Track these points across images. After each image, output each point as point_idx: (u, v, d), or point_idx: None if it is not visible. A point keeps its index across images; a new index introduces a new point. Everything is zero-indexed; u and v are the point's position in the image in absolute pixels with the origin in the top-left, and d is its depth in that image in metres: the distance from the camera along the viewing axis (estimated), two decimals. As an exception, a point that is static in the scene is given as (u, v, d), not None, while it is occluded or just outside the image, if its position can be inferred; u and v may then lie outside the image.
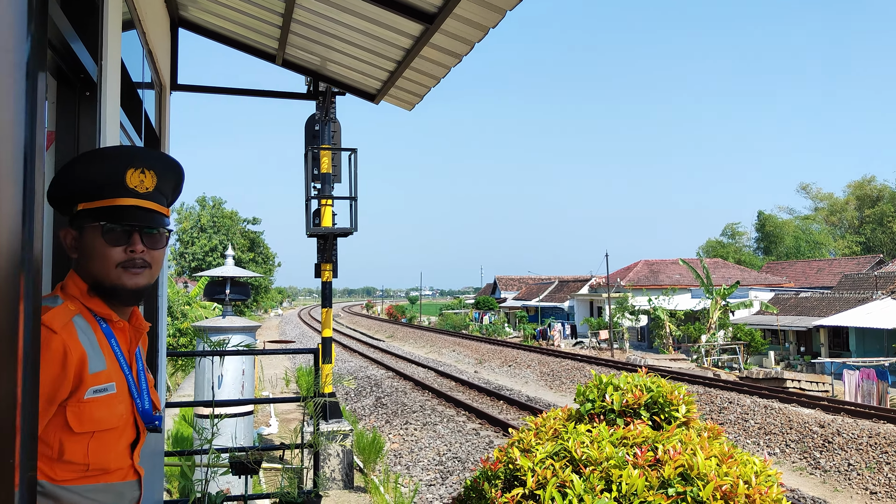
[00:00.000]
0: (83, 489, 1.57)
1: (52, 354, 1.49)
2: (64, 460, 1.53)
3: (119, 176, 1.68)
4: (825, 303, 36.20)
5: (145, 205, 1.70)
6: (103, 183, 1.67)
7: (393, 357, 31.64)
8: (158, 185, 1.75)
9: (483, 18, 3.67)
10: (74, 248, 1.68)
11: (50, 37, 2.09)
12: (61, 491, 1.53)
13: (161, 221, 1.74)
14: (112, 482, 1.63)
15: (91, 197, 1.66)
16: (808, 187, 75.05)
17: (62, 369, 1.50)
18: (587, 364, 26.56)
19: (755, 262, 65.18)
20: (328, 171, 10.39)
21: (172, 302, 23.63)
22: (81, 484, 1.57)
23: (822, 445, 13.49)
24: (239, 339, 7.78)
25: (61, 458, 1.53)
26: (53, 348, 1.49)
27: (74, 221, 1.68)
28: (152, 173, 1.74)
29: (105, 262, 1.64)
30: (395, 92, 5.12)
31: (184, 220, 46.45)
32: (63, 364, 1.51)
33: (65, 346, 1.51)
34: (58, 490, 1.53)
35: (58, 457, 1.53)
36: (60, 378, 1.50)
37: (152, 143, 4.36)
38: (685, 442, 2.64)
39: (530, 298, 60.45)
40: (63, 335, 1.52)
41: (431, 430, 14.37)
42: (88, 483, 1.58)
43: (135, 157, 1.74)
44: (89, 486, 1.58)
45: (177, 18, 5.03)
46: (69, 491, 1.54)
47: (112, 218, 1.65)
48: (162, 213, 1.75)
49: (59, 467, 1.53)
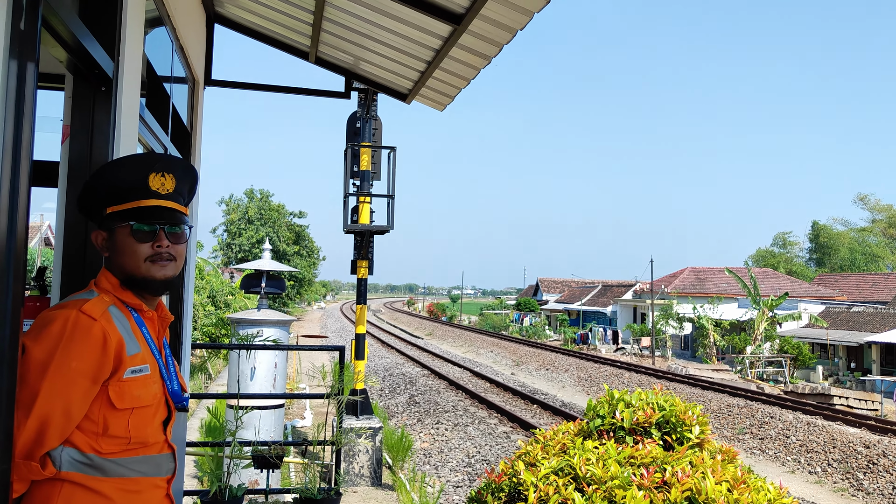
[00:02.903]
0: (127, 461, 1.75)
1: (93, 339, 1.68)
2: (109, 435, 1.71)
3: (143, 180, 1.87)
4: (879, 318, 34.95)
5: (167, 205, 1.89)
6: (129, 187, 1.86)
7: (430, 355, 31.68)
8: (177, 187, 1.94)
9: (510, 20, 3.61)
10: (106, 247, 1.87)
11: (61, 34, 2.12)
12: (108, 463, 1.72)
13: (182, 219, 1.92)
14: (151, 454, 1.82)
15: (119, 200, 1.85)
16: (865, 198, 72.60)
17: (103, 352, 1.69)
18: (626, 371, 26.17)
19: (807, 273, 63.39)
20: (367, 169, 10.41)
21: (217, 291, 24.10)
22: (125, 456, 1.75)
23: (867, 466, 13.01)
24: (271, 332, 7.84)
25: (106, 432, 1.71)
26: (94, 334, 1.68)
27: (104, 223, 1.86)
28: (171, 176, 1.93)
29: (135, 257, 1.83)
30: (426, 92, 5.09)
31: (232, 212, 47.28)
32: (103, 347, 1.69)
33: (104, 331, 1.70)
34: (105, 462, 1.71)
35: (102, 432, 1.71)
36: (102, 360, 1.69)
37: (181, 137, 4.41)
38: (696, 464, 2.54)
39: (572, 302, 59.88)
40: (102, 322, 1.71)
41: (462, 431, 14.32)
42: (131, 455, 1.76)
43: (156, 162, 1.93)
44: (132, 458, 1.76)
45: (213, 14, 5.08)
46: (115, 463, 1.73)
47: (139, 218, 1.83)
48: (182, 212, 1.94)
49: (104, 441, 1.71)
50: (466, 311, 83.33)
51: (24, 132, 1.59)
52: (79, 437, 1.68)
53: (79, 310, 1.69)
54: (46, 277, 2.98)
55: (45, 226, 24.73)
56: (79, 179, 2.51)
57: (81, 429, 1.68)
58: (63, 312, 1.69)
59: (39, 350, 1.63)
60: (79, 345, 1.66)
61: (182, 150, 4.33)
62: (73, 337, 1.65)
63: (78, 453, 1.68)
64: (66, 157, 2.51)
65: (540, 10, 3.40)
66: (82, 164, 2.52)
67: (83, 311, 1.68)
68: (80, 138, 2.52)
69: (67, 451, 1.67)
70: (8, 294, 1.50)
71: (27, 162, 1.60)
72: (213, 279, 24.45)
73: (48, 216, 22.82)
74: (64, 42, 2.18)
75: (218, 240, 47.05)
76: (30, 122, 1.64)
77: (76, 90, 2.53)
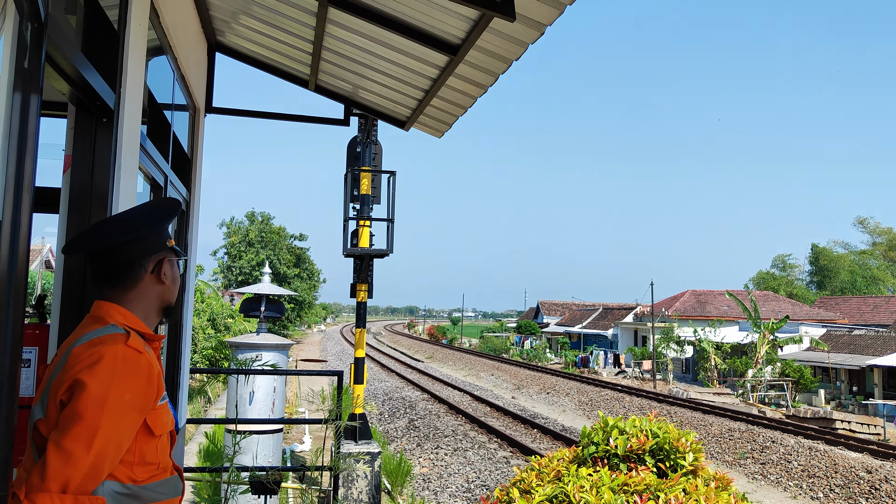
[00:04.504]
0: (156, 485, 1.81)
1: (142, 372, 1.75)
2: (144, 462, 1.77)
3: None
4: (880, 341, 34.83)
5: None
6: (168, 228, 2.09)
7: (430, 379, 31.54)
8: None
9: (506, 51, 3.68)
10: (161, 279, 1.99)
11: (64, 68, 2.17)
12: (143, 490, 1.77)
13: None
14: (170, 477, 1.89)
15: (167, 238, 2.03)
16: (865, 221, 72.69)
17: (149, 383, 1.77)
18: (627, 395, 26.04)
19: (807, 296, 63.27)
20: (367, 193, 10.48)
21: (217, 314, 24.07)
22: (155, 481, 1.81)
23: (869, 492, 12.91)
24: (270, 356, 7.84)
25: (142, 460, 1.77)
26: (142, 366, 1.75)
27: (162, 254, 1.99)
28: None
29: (176, 285, 2.03)
30: (424, 119, 5.15)
31: (232, 235, 47.35)
32: (149, 378, 1.77)
33: (149, 362, 1.78)
34: (141, 490, 1.76)
35: (139, 460, 1.76)
36: (148, 391, 1.76)
37: (182, 164, 4.46)
38: (689, 492, 2.55)
39: (573, 325, 59.72)
40: (146, 354, 1.79)
41: (462, 457, 14.24)
42: (158, 479, 1.83)
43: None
44: (158, 483, 1.82)
45: (214, 43, 5.17)
46: (147, 489, 1.78)
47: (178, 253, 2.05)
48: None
49: (138, 469, 1.76)
50: (467, 333, 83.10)
51: (27, 164, 1.63)
52: (118, 468, 1.71)
53: (125, 343, 1.74)
54: (46, 305, 3.01)
55: (45, 248, 24.78)
56: (80, 207, 2.55)
57: (121, 460, 1.71)
58: (109, 348, 1.72)
59: (97, 385, 1.65)
60: (131, 378, 1.71)
61: (182, 176, 4.39)
62: (126, 370, 1.71)
63: (118, 485, 1.71)
64: (68, 186, 2.56)
65: (535, 41, 3.47)
66: (83, 193, 2.56)
67: (130, 345, 1.74)
68: (82, 168, 2.56)
69: (108, 483, 1.69)
70: (8, 322, 1.53)
71: (29, 194, 1.64)
72: (213, 302, 24.43)
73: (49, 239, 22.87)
74: (67, 76, 2.23)
75: (219, 262, 47.04)
76: (32, 154, 1.69)
77: (78, 121, 2.58)
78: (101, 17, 2.67)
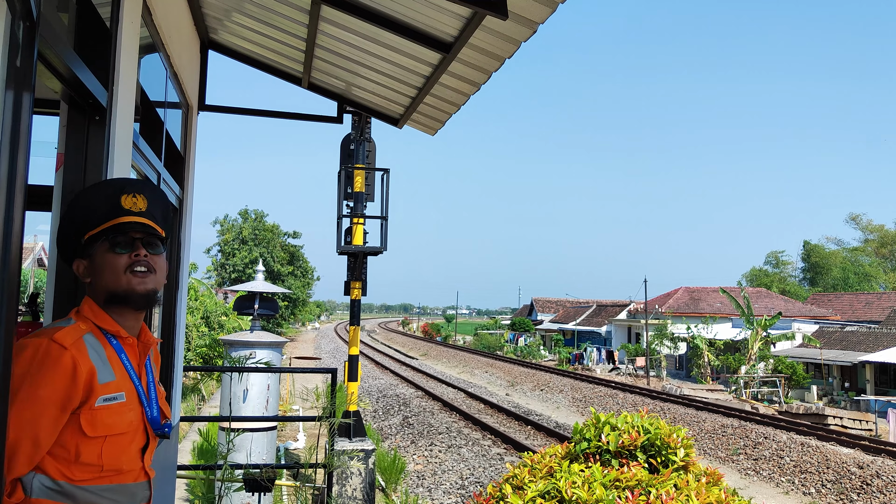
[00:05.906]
0: (99, 489, 1.75)
1: (62, 368, 1.68)
2: (80, 462, 1.71)
3: (115, 200, 1.90)
4: (872, 337, 35.03)
5: (142, 220, 1.90)
6: (104, 210, 1.88)
7: (424, 376, 31.57)
8: (149, 207, 1.95)
9: (498, 49, 3.69)
10: (87, 273, 1.88)
11: (57, 67, 2.17)
12: (79, 491, 1.71)
13: (158, 234, 1.94)
14: (125, 483, 1.81)
15: (95, 224, 1.86)
16: (857, 218, 73.05)
17: (72, 381, 1.69)
18: (621, 391, 26.12)
19: (800, 292, 63.55)
20: (361, 190, 10.48)
21: (211, 312, 24.03)
22: (97, 484, 1.75)
23: (860, 487, 12.99)
24: (264, 354, 7.85)
25: (77, 459, 1.71)
26: (63, 363, 1.69)
27: (84, 251, 1.88)
28: (142, 196, 1.95)
29: (115, 270, 1.84)
30: (418, 117, 5.16)
31: (226, 232, 47.25)
32: (73, 376, 1.69)
33: (74, 360, 1.70)
34: (76, 490, 1.71)
35: (74, 459, 1.71)
36: (70, 389, 1.69)
37: (175, 161, 4.46)
38: (680, 487, 2.57)
39: (567, 322, 59.86)
40: (72, 351, 1.71)
41: (456, 453, 14.27)
42: (104, 483, 1.76)
43: (126, 185, 1.96)
44: (104, 486, 1.76)
45: (207, 41, 5.16)
46: (86, 490, 1.72)
47: (116, 233, 1.86)
48: (157, 229, 1.94)
49: (76, 468, 1.71)
50: (461, 331, 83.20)
51: (20, 162, 1.64)
52: (50, 463, 1.69)
53: (50, 338, 1.71)
54: (39, 303, 3.01)
55: (38, 246, 24.68)
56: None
57: (53, 455, 1.69)
58: (35, 341, 1.71)
59: (13, 377, 1.62)
60: (48, 373, 1.67)
61: (175, 174, 4.38)
62: (43, 365, 1.67)
63: (49, 480, 1.69)
64: (60, 184, 2.56)
65: (527, 39, 3.48)
66: (76, 191, 2.56)
67: (54, 340, 1.69)
68: (74, 166, 2.56)
69: (39, 477, 1.68)
70: (1, 321, 1.53)
71: (21, 192, 1.65)
72: (206, 300, 24.39)
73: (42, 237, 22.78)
74: (59, 74, 2.23)
75: (212, 260, 46.96)
76: (25, 152, 1.69)
77: (70, 119, 2.58)
78: (94, 15, 2.67)
